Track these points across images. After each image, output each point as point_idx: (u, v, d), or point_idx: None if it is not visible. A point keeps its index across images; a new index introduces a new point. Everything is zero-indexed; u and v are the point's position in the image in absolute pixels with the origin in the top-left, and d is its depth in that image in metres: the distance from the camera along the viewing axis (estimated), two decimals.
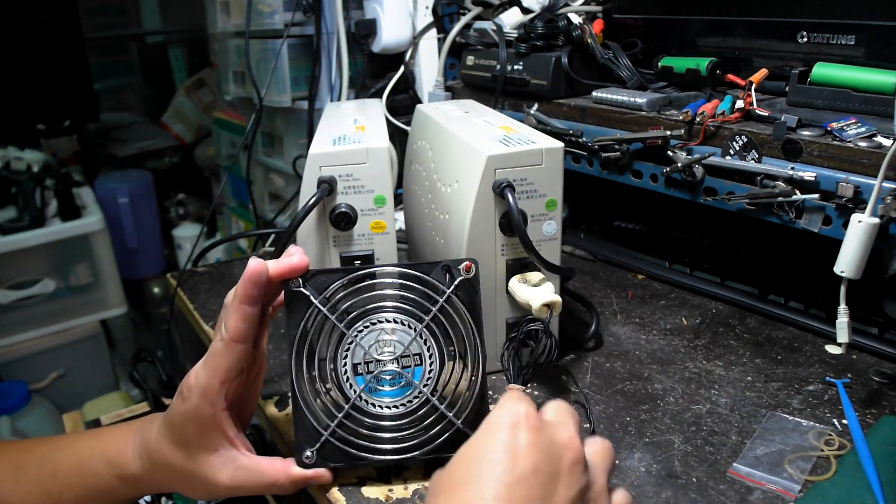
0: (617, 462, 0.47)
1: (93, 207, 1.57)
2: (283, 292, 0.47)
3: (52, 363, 1.53)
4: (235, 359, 0.44)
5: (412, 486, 0.47)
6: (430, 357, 0.46)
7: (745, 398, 0.55)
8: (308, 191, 0.57)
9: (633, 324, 0.68)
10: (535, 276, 0.56)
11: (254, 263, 0.43)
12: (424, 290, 0.47)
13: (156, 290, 1.97)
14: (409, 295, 0.47)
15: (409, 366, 0.46)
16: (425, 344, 0.46)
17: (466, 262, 0.46)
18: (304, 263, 0.46)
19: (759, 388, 0.56)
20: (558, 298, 0.53)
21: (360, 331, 0.46)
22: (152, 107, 2.35)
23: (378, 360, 0.46)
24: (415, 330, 0.46)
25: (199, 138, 2.17)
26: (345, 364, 0.46)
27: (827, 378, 0.56)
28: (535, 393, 0.57)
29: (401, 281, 0.47)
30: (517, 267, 0.56)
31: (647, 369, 0.60)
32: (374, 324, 0.46)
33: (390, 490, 0.46)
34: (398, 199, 0.79)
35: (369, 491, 0.47)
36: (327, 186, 0.56)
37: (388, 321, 0.46)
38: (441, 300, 0.46)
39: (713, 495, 0.44)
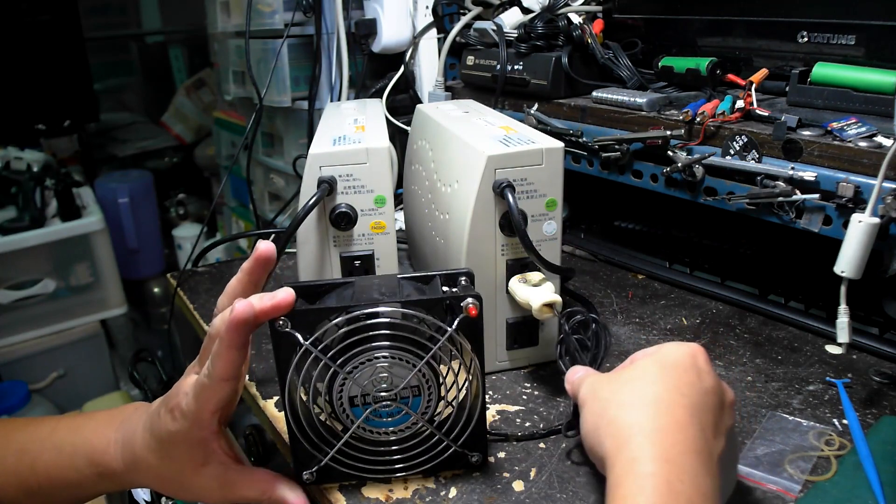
0: None
1: (93, 207, 1.57)
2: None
3: (52, 363, 1.53)
4: (225, 393, 0.42)
5: (412, 486, 0.47)
6: (428, 388, 0.45)
7: (745, 398, 0.55)
8: (308, 191, 0.57)
9: (634, 324, 0.68)
10: (535, 276, 0.56)
11: (240, 307, 0.40)
12: (424, 330, 0.44)
13: (156, 290, 1.97)
14: (408, 335, 0.44)
15: (408, 397, 0.45)
16: (424, 377, 0.44)
17: (471, 306, 0.43)
18: (288, 300, 0.42)
19: (759, 388, 0.56)
20: (558, 298, 0.53)
21: (356, 366, 0.43)
22: (152, 107, 2.35)
23: (375, 395, 0.44)
24: (414, 366, 0.44)
25: (199, 138, 2.17)
26: (340, 398, 0.44)
27: (827, 378, 0.56)
28: (535, 393, 0.57)
29: (399, 321, 0.44)
30: (517, 267, 0.56)
31: None
32: (370, 360, 0.43)
33: (390, 490, 0.47)
34: (398, 199, 0.79)
35: (369, 491, 0.47)
36: (327, 186, 0.56)
37: (386, 357, 0.44)
38: (442, 339, 0.43)
39: None
